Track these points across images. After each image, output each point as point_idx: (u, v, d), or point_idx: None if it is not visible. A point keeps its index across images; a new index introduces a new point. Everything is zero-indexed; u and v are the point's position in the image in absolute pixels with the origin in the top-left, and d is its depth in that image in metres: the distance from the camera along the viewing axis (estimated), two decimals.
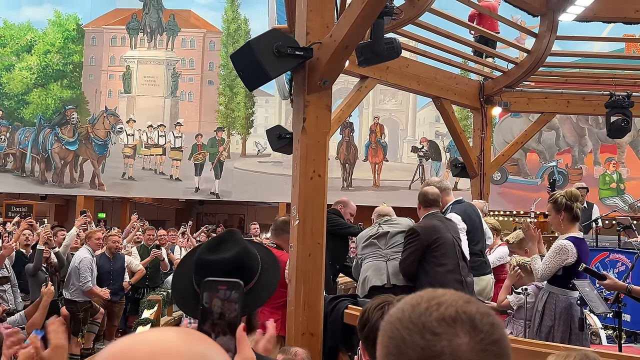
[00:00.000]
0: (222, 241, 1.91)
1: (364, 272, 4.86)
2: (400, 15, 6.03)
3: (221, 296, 1.46)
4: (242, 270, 1.86)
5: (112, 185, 18.47)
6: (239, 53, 3.92)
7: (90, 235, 8.14)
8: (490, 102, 8.82)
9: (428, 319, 0.97)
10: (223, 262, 1.84)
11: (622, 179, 17.89)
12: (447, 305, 0.99)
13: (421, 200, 5.23)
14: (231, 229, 2.10)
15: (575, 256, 4.28)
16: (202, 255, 1.89)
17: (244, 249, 1.91)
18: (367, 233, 5.17)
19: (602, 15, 8.11)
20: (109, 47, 19.12)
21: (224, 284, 1.47)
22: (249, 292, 1.85)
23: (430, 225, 4.90)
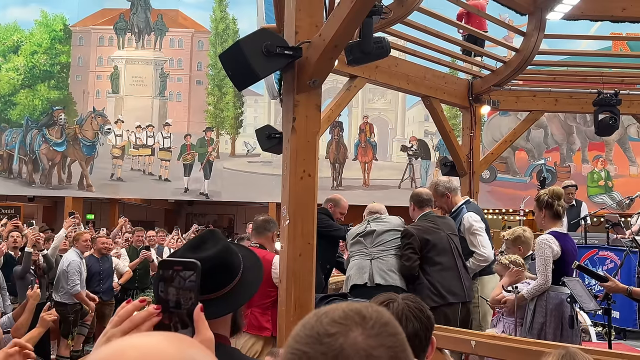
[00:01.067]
0: (202, 241, 1.89)
1: (349, 270, 4.93)
2: (389, 14, 6.04)
3: (176, 278, 1.35)
4: (225, 268, 1.85)
5: (101, 186, 18.37)
6: (227, 53, 3.90)
7: (77, 237, 8.08)
8: (479, 100, 8.83)
9: (320, 325, 1.02)
10: (205, 260, 1.82)
11: (610, 176, 18.01)
12: (333, 310, 1.05)
13: (415, 200, 5.32)
14: (211, 229, 2.09)
15: (558, 248, 4.31)
16: (184, 254, 1.87)
17: (225, 247, 1.90)
18: (355, 231, 5.20)
19: (590, 14, 8.14)
20: (97, 47, 19.03)
21: (180, 264, 1.39)
22: (234, 289, 1.84)
23: (423, 229, 5.04)
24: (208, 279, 1.75)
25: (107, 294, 8.52)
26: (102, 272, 8.39)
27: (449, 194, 5.59)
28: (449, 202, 5.61)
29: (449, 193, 5.59)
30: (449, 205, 5.62)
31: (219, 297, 1.80)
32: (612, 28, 11.90)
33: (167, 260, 1.40)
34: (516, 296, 4.34)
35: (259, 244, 4.72)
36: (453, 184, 5.71)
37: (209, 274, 1.77)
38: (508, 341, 3.00)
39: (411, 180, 18.16)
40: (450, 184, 5.66)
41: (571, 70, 9.72)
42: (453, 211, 5.57)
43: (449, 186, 5.61)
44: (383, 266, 4.88)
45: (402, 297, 1.85)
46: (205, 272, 1.77)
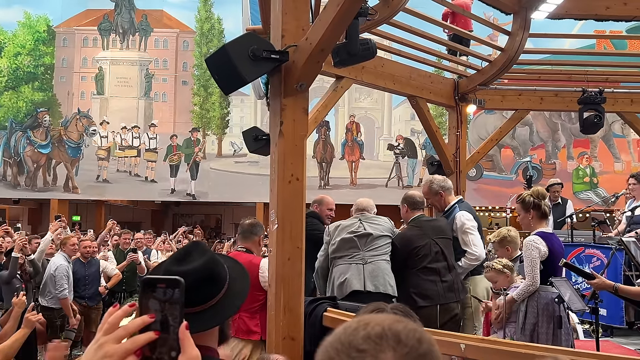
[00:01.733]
0: (188, 253, 1.88)
1: (343, 273, 4.88)
2: (375, 15, 6.04)
3: (160, 297, 1.32)
4: (211, 279, 1.84)
5: (87, 188, 18.25)
6: (214, 57, 3.88)
7: (65, 241, 8.02)
8: (465, 100, 8.86)
9: (355, 337, 1.00)
10: (192, 272, 1.80)
11: (595, 173, 18.15)
12: (374, 325, 1.02)
13: (408, 203, 5.39)
14: (195, 241, 2.07)
15: (545, 248, 4.34)
16: (170, 267, 1.85)
17: (211, 259, 1.89)
18: (348, 226, 5.12)
19: (574, 13, 8.19)
20: (81, 48, 18.89)
21: (163, 282, 1.34)
22: (221, 300, 1.83)
23: (407, 237, 5.23)
24: (194, 292, 1.76)
25: (93, 299, 8.45)
26: (88, 277, 8.33)
27: (443, 192, 5.64)
28: (442, 200, 5.66)
29: (442, 192, 5.64)
30: (442, 204, 5.67)
31: (206, 309, 1.78)
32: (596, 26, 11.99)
33: (150, 278, 1.38)
34: (506, 299, 4.35)
35: (246, 248, 4.70)
36: (448, 184, 5.76)
37: (195, 286, 1.76)
38: (498, 344, 3.01)
39: (398, 178, 18.20)
40: (445, 183, 5.72)
41: (556, 69, 9.78)
42: (446, 210, 5.62)
43: (443, 185, 5.67)
44: (375, 272, 4.92)
45: (391, 306, 1.85)
46: (192, 284, 1.77)
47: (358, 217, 5.21)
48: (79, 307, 8.20)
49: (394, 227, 5.29)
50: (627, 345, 6.11)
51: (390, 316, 1.05)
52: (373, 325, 1.01)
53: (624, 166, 18.07)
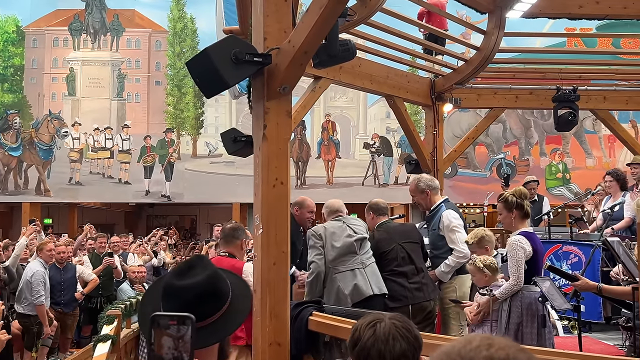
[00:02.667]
0: (191, 266, 1.84)
1: (351, 280, 4.90)
2: (354, 16, 6.04)
3: (174, 334, 1.33)
4: (215, 294, 1.80)
5: (59, 191, 17.95)
6: (195, 60, 3.83)
7: (41, 246, 7.89)
8: (442, 99, 8.92)
9: (476, 355, 1.00)
10: (195, 286, 1.77)
11: (567, 169, 18.40)
12: (498, 348, 1.01)
13: (373, 210, 5.54)
14: (199, 255, 2.04)
15: (530, 248, 4.37)
16: (172, 281, 1.81)
17: (215, 273, 1.85)
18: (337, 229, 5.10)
19: (548, 12, 8.28)
20: (51, 48, 18.57)
21: (174, 319, 1.35)
22: (222, 317, 1.79)
23: (374, 242, 5.35)
24: (196, 307, 1.71)
25: (68, 305, 8.33)
26: (64, 282, 8.21)
27: (429, 191, 5.70)
28: (427, 199, 5.72)
29: (429, 190, 5.70)
30: (427, 202, 5.73)
31: (206, 325, 1.74)
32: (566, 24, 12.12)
33: (161, 315, 1.35)
34: (490, 298, 4.37)
35: (228, 253, 4.66)
36: (435, 183, 5.83)
37: (197, 301, 1.73)
38: None
39: (374, 177, 18.24)
40: (432, 182, 5.79)
41: (531, 68, 9.89)
42: (432, 209, 5.67)
43: (430, 184, 5.74)
44: (374, 274, 4.99)
45: (389, 316, 1.84)
46: (193, 299, 1.74)
47: (341, 220, 5.22)
48: (55, 313, 8.07)
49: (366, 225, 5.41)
50: (605, 340, 6.19)
51: (514, 344, 1.04)
52: (497, 349, 1.01)
53: (596, 162, 18.35)
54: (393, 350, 1.75)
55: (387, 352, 1.74)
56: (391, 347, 1.75)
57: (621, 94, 9.50)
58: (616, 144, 16.65)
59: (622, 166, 12.68)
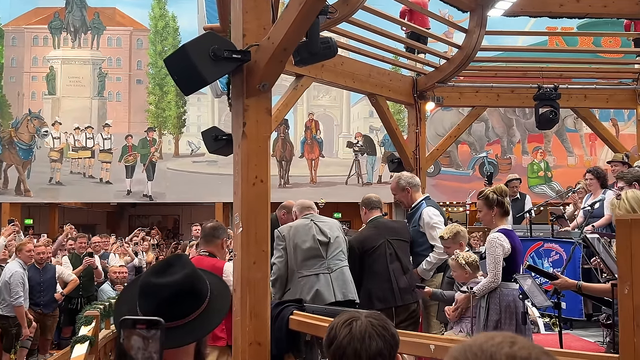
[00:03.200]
0: (169, 264, 1.80)
1: (313, 285, 4.83)
2: (335, 13, 6.00)
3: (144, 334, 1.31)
4: (192, 293, 1.77)
5: (39, 191, 17.75)
6: (173, 57, 3.78)
7: (21, 247, 7.78)
8: (424, 97, 8.93)
9: (498, 351, 1.00)
10: (172, 284, 1.73)
11: (549, 167, 18.53)
12: (521, 347, 1.01)
13: (365, 205, 5.50)
14: (178, 254, 2.00)
15: (509, 245, 4.37)
16: (149, 279, 1.77)
17: (193, 272, 1.81)
18: (302, 229, 5.05)
19: (529, 10, 8.32)
20: (31, 47, 18.36)
21: (143, 322, 1.33)
22: (199, 317, 1.76)
23: (362, 238, 5.35)
24: (173, 306, 1.70)
25: (48, 306, 8.22)
26: (43, 283, 8.10)
27: (410, 189, 5.70)
28: (409, 197, 5.71)
29: (409, 188, 5.70)
30: (408, 200, 5.72)
31: (184, 324, 1.71)
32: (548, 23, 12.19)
33: (129, 319, 1.33)
34: (470, 295, 4.37)
35: (209, 252, 4.60)
36: (415, 180, 5.83)
37: (174, 300, 1.70)
38: None
39: (358, 176, 18.24)
40: (412, 180, 5.79)
41: (512, 66, 9.93)
42: (413, 207, 5.66)
43: (410, 181, 5.74)
44: (340, 279, 4.91)
45: (365, 314, 1.81)
46: (170, 297, 1.70)
47: (309, 218, 5.17)
48: (34, 314, 7.97)
49: (341, 225, 5.35)
50: (586, 337, 6.23)
51: (538, 345, 1.04)
52: (520, 347, 1.01)
53: (577, 160, 18.49)
54: (369, 349, 1.72)
55: (363, 350, 1.72)
56: (367, 346, 1.72)
57: (602, 92, 9.56)
58: (597, 142, 16.79)
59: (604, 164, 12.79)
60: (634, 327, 2.51)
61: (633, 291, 2.53)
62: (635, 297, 2.52)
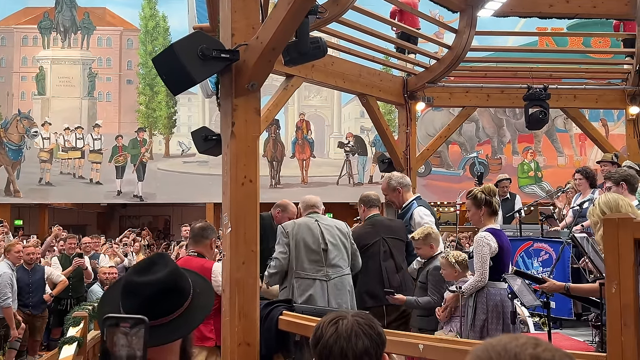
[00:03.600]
0: (151, 263, 1.80)
1: (306, 289, 4.80)
2: (324, 13, 6.00)
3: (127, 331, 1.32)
4: (175, 291, 1.77)
5: (29, 192, 17.66)
6: (161, 57, 3.76)
7: (9, 248, 7.71)
8: (414, 97, 8.94)
9: (522, 351, 1.02)
10: (155, 283, 1.73)
11: (539, 167, 18.60)
12: (545, 349, 1.03)
13: (364, 202, 5.49)
14: (160, 253, 2.00)
15: (495, 244, 4.39)
16: (132, 278, 1.77)
17: (176, 270, 1.82)
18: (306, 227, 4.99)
19: (519, 10, 8.36)
20: (20, 47, 18.27)
21: (127, 321, 1.34)
22: (183, 314, 1.76)
23: (357, 234, 5.33)
24: (157, 303, 1.70)
25: (37, 307, 8.16)
26: (32, 284, 8.04)
27: (401, 189, 5.70)
28: (400, 197, 5.72)
29: (400, 188, 5.70)
30: (399, 200, 5.73)
31: (167, 322, 1.71)
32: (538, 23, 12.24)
33: (113, 317, 1.33)
34: (459, 294, 4.38)
35: (197, 253, 4.58)
36: (406, 180, 5.83)
37: (158, 298, 1.71)
38: (456, 344, 3.01)
39: (349, 176, 18.25)
40: (403, 180, 5.79)
41: (502, 66, 9.96)
42: (404, 207, 5.67)
43: (401, 181, 5.75)
44: (338, 287, 4.88)
45: (352, 314, 1.80)
46: (154, 296, 1.70)
47: (314, 218, 5.12)
48: (23, 315, 7.91)
49: (346, 227, 5.28)
50: (576, 336, 6.25)
51: (560, 349, 1.07)
52: (544, 349, 1.03)
53: (567, 160, 18.58)
54: (355, 348, 1.71)
55: (349, 349, 1.71)
56: (354, 345, 1.71)
57: (591, 92, 9.59)
58: (587, 142, 16.86)
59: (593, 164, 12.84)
60: (622, 326, 2.52)
61: (620, 290, 2.54)
62: (622, 296, 2.53)
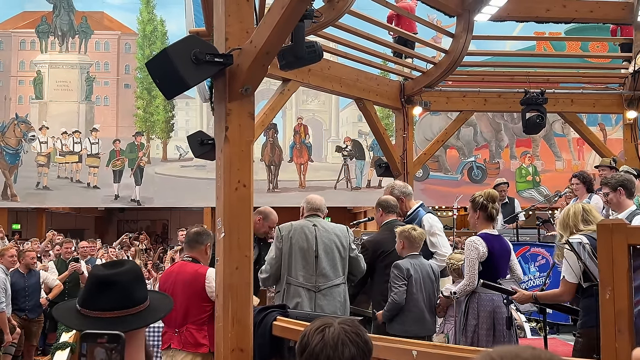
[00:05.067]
0: (112, 262, 1.92)
1: (295, 296, 4.75)
2: (320, 18, 5.99)
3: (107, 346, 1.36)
4: (142, 280, 1.88)
5: (26, 196, 17.62)
6: (154, 61, 3.74)
7: (3, 252, 7.68)
8: (411, 102, 8.95)
9: (523, 352, 1.12)
10: (127, 272, 1.83)
11: (537, 171, 18.58)
12: (542, 351, 1.14)
13: (382, 207, 5.42)
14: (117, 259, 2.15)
15: (485, 249, 4.39)
16: (99, 271, 1.86)
17: (137, 265, 1.96)
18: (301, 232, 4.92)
19: (515, 15, 8.35)
20: (18, 51, 18.25)
21: (104, 337, 1.36)
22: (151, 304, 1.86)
23: (376, 240, 5.29)
24: (134, 291, 1.81)
25: (33, 311, 8.13)
26: (28, 288, 8.01)
27: (404, 198, 5.70)
28: (403, 205, 5.72)
29: (403, 197, 5.69)
30: (403, 209, 5.72)
31: (141, 311, 1.82)
32: (536, 28, 12.26)
33: (90, 334, 1.38)
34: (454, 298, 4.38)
35: (192, 258, 4.55)
36: (409, 189, 5.83)
37: (130, 286, 1.81)
38: (450, 350, 2.99)
39: (346, 180, 18.23)
40: (405, 189, 5.78)
41: (499, 71, 9.95)
42: (409, 214, 5.65)
43: (404, 190, 5.74)
44: (327, 299, 4.81)
45: (338, 321, 1.79)
46: (126, 284, 1.80)
47: (312, 222, 5.01)
48: (19, 320, 7.88)
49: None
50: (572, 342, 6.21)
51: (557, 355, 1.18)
52: (542, 351, 1.14)
53: (565, 164, 18.57)
54: (342, 356, 1.70)
55: (336, 357, 1.69)
56: (340, 353, 1.70)
57: (588, 97, 9.60)
58: (585, 146, 16.86)
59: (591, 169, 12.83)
60: (615, 332, 2.50)
61: (614, 296, 2.52)
62: (616, 302, 2.52)
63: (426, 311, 4.77)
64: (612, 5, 8.41)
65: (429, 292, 4.80)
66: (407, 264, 4.70)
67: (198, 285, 4.28)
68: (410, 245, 4.80)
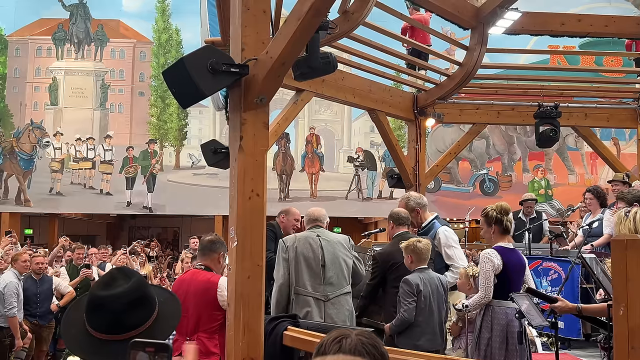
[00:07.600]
0: (113, 277, 1.85)
1: (304, 306, 4.77)
2: (335, 29, 6.02)
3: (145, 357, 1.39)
4: (143, 299, 1.81)
5: (39, 201, 17.75)
6: (171, 70, 3.78)
7: (16, 257, 7.73)
8: (424, 113, 8.94)
9: None
10: (120, 295, 1.76)
11: (549, 185, 18.50)
12: None
13: (394, 219, 5.40)
14: (119, 267, 2.06)
15: (500, 262, 4.37)
16: (97, 292, 1.81)
17: (139, 280, 1.86)
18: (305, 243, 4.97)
19: (530, 29, 8.33)
20: (34, 58, 18.45)
21: (152, 346, 1.38)
22: (152, 326, 1.80)
23: (387, 252, 5.23)
24: (125, 317, 1.74)
25: (44, 317, 8.16)
26: (40, 294, 8.04)
27: (419, 209, 5.68)
28: (418, 217, 5.70)
29: (419, 208, 5.68)
30: (418, 220, 5.71)
31: (142, 332, 1.75)
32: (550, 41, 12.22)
33: (139, 342, 1.39)
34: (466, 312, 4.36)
35: (205, 266, 4.57)
36: (424, 200, 5.81)
37: (125, 311, 1.74)
38: None
39: (358, 191, 18.23)
40: (421, 200, 5.76)
41: (513, 84, 9.94)
42: (424, 226, 5.64)
43: (419, 202, 5.73)
44: (335, 308, 4.83)
45: (356, 332, 1.78)
46: (122, 309, 1.72)
47: (316, 233, 5.10)
48: (30, 325, 7.92)
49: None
50: (584, 358, 6.19)
51: None
52: None
53: (578, 178, 18.47)
54: None
55: None
56: None
57: (602, 111, 9.56)
58: (598, 161, 16.77)
59: (604, 183, 12.76)
60: (629, 349, 2.48)
61: (628, 313, 2.50)
62: (630, 318, 2.50)
63: (435, 325, 4.75)
64: (627, 20, 8.40)
65: (439, 306, 4.78)
66: (416, 279, 4.68)
67: (210, 294, 4.29)
68: (417, 258, 4.78)
